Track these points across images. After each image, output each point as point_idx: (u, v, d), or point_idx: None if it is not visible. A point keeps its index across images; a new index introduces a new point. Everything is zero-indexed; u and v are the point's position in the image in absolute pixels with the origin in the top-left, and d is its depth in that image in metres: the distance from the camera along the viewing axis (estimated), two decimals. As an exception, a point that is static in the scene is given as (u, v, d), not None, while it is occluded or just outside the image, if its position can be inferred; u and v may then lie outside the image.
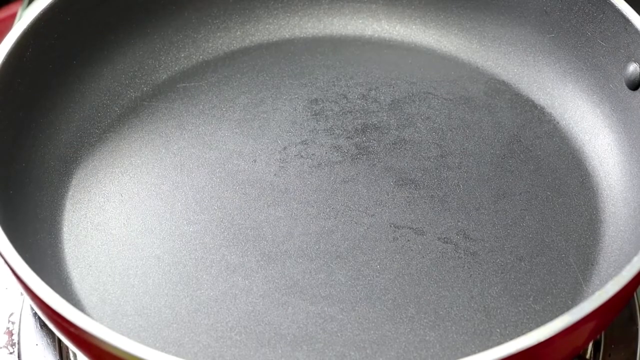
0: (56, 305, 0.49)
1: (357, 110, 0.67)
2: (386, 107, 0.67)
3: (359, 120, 0.67)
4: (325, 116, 0.67)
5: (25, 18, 0.62)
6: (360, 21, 0.73)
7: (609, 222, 0.61)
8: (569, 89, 0.67)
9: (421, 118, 0.67)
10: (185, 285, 0.57)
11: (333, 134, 0.66)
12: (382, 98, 0.68)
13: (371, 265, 0.58)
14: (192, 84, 0.69)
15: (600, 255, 0.59)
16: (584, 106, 0.66)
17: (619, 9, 0.62)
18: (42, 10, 0.63)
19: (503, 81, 0.69)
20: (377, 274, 0.58)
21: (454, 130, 0.66)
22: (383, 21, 0.73)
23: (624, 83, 0.63)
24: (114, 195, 0.62)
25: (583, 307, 0.48)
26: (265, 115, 0.67)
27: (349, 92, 0.68)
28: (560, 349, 0.49)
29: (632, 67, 0.62)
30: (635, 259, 0.50)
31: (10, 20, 0.83)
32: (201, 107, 0.68)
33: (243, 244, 0.59)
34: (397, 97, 0.68)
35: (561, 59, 0.68)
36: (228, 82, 0.69)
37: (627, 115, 0.63)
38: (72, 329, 0.49)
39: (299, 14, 0.73)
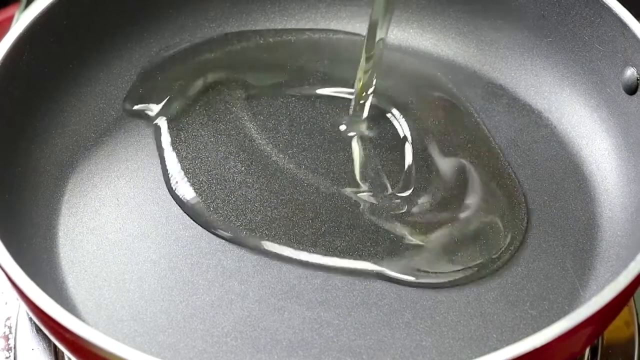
0: (51, 311, 0.49)
1: (348, 114, 0.67)
2: (384, 110, 0.67)
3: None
4: (324, 118, 0.67)
5: (21, 21, 0.62)
6: (358, 25, 0.73)
7: (606, 227, 0.61)
8: (566, 93, 0.67)
9: (418, 122, 0.67)
10: (181, 290, 0.57)
11: (332, 135, 0.66)
12: (380, 102, 0.68)
13: (370, 267, 0.58)
14: (189, 85, 0.69)
15: (597, 260, 0.59)
16: (581, 110, 0.66)
17: (616, 14, 0.62)
18: (38, 14, 0.63)
19: (500, 85, 0.69)
20: (374, 279, 0.58)
21: (451, 134, 0.66)
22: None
23: (621, 87, 0.63)
24: (109, 200, 0.62)
25: (580, 312, 0.48)
26: (262, 117, 0.67)
27: (347, 94, 0.68)
28: (557, 354, 0.49)
29: (630, 72, 0.62)
30: (632, 264, 0.50)
31: (7, 23, 0.83)
32: (198, 108, 0.67)
33: (239, 248, 0.59)
34: (394, 100, 0.68)
35: (558, 63, 0.68)
36: (225, 84, 0.69)
37: (625, 119, 0.63)
38: (67, 335, 0.48)
39: (296, 17, 0.73)
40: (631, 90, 0.62)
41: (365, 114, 0.66)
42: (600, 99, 0.65)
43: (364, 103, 0.66)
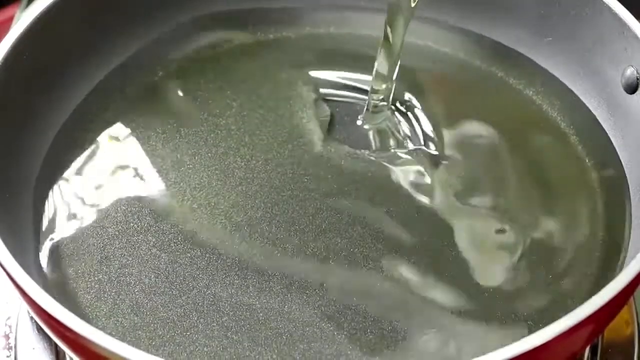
0: (52, 310, 0.49)
1: (357, 110, 0.67)
2: (386, 106, 0.67)
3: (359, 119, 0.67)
4: (324, 114, 0.67)
5: (21, 21, 0.62)
6: (358, 21, 0.73)
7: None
8: (566, 93, 0.67)
9: (419, 118, 0.67)
10: (181, 284, 0.57)
11: (331, 131, 0.66)
12: (382, 97, 0.68)
13: (369, 264, 0.58)
14: (190, 80, 0.69)
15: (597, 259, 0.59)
16: (581, 110, 0.67)
17: (616, 13, 0.62)
18: (38, 14, 0.63)
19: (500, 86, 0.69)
20: (375, 272, 0.58)
21: (452, 132, 0.66)
22: (380, 21, 0.72)
23: (621, 87, 0.63)
24: (109, 193, 0.62)
25: (580, 311, 0.47)
26: (263, 112, 0.67)
27: (349, 89, 0.69)
28: (557, 353, 0.49)
29: (630, 71, 0.62)
30: (632, 263, 0.50)
31: (7, 23, 0.83)
32: (198, 103, 0.67)
33: (239, 242, 0.59)
34: (394, 95, 0.68)
35: (558, 63, 0.68)
36: (226, 79, 0.69)
37: (625, 118, 0.63)
38: (68, 334, 0.48)
39: (297, 12, 0.73)
40: (631, 89, 0.62)
41: (385, 103, 0.67)
42: (601, 99, 0.65)
43: (383, 95, 0.66)
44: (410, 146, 0.65)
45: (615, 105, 0.64)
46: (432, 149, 0.64)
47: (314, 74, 0.69)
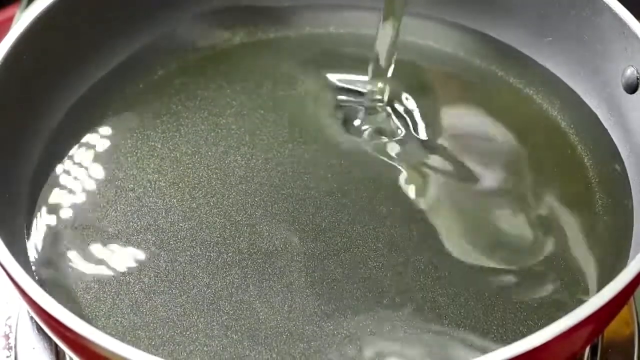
0: (52, 310, 0.49)
1: (357, 110, 0.67)
2: (384, 105, 0.67)
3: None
4: (324, 113, 0.67)
5: (21, 21, 0.62)
6: (358, 21, 0.73)
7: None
8: (566, 93, 0.67)
9: (419, 118, 0.67)
10: (181, 283, 0.57)
11: (331, 131, 0.66)
12: (380, 97, 0.68)
13: (369, 263, 0.58)
14: (190, 79, 0.69)
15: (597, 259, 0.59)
16: (581, 110, 0.67)
17: (616, 13, 0.62)
18: (38, 14, 0.63)
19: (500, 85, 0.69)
20: (375, 272, 0.58)
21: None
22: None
23: (621, 87, 0.63)
24: (109, 192, 0.62)
25: (580, 311, 0.47)
26: (262, 112, 0.67)
27: (347, 88, 0.69)
28: (557, 353, 0.49)
29: (630, 71, 0.62)
30: (632, 264, 0.50)
31: (7, 23, 0.83)
32: (198, 103, 0.67)
33: (239, 241, 0.59)
34: (394, 94, 0.68)
35: (559, 63, 0.68)
36: (226, 78, 0.69)
37: (625, 118, 0.63)
38: (68, 334, 0.48)
39: (297, 11, 0.73)
40: (631, 89, 0.62)
41: (382, 102, 0.67)
42: (601, 99, 0.65)
43: (379, 94, 0.66)
44: (410, 145, 0.65)
45: (616, 104, 0.64)
46: (432, 149, 0.65)
47: (314, 73, 0.70)
